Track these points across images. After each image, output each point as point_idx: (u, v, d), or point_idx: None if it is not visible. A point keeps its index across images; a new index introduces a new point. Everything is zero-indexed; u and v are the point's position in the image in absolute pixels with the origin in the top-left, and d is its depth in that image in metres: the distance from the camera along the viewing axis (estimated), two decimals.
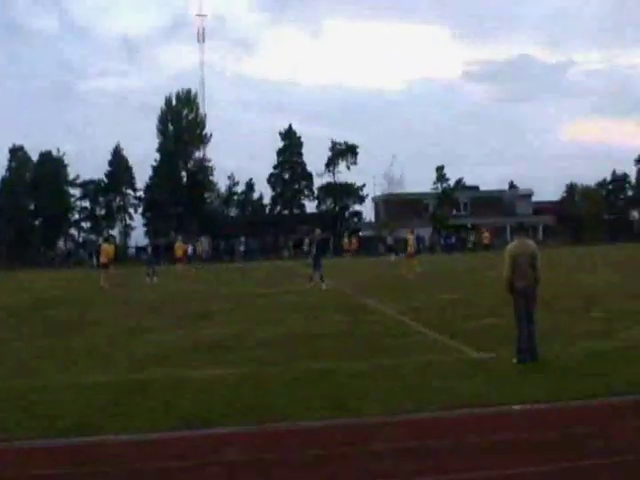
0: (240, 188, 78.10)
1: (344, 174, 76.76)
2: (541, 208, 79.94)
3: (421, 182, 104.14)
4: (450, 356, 10.39)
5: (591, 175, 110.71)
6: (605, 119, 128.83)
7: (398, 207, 71.20)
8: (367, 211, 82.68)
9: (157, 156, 70.12)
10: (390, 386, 8.51)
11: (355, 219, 79.06)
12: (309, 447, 6.48)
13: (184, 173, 70.72)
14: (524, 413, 7.26)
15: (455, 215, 76.62)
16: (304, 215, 75.28)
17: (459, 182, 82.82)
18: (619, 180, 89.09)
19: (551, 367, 9.28)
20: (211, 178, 72.06)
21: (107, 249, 30.21)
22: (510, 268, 9.83)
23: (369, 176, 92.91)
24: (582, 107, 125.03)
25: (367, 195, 78.73)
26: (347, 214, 78.31)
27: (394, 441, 6.49)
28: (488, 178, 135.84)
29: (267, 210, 78.30)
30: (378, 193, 78.63)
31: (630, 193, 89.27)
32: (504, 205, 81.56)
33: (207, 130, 71.17)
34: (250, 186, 78.81)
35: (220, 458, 6.18)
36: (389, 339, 12.20)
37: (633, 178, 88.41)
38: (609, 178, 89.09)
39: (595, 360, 9.57)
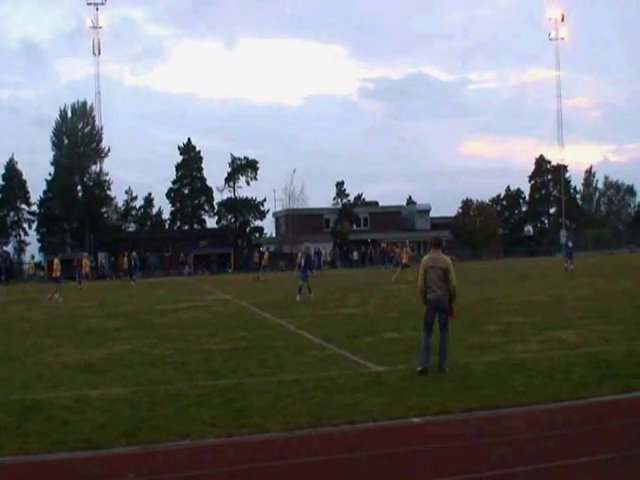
0: (139, 203, 76.71)
1: (244, 189, 76.70)
2: (438, 223, 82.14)
3: (321, 197, 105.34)
4: (351, 370, 10.44)
5: (486, 191, 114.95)
6: (500, 136, 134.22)
7: (299, 222, 71.53)
8: (268, 226, 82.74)
9: (52, 170, 67.78)
10: (292, 402, 8.46)
11: (256, 234, 78.90)
12: (210, 466, 6.34)
13: (80, 187, 68.53)
14: (424, 425, 7.36)
15: (355, 230, 77.72)
16: (204, 230, 74.55)
17: (359, 197, 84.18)
18: (513, 196, 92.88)
19: (448, 378, 9.46)
20: (108, 192, 70.16)
21: None
22: (422, 279, 10.24)
23: (269, 191, 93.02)
24: (477, 124, 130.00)
25: (268, 210, 78.82)
26: (248, 229, 78.05)
27: (297, 457, 6.44)
28: (387, 194, 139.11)
29: (166, 225, 77.07)
30: (279, 208, 78.86)
31: (524, 208, 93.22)
32: (403, 220, 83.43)
33: (104, 144, 69.33)
34: (149, 201, 77.43)
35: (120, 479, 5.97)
36: (290, 354, 12.16)
37: (527, 194, 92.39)
38: (503, 194, 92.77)
39: (489, 372, 9.84)
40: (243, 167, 75.90)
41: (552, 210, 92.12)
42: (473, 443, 6.69)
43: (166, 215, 77.32)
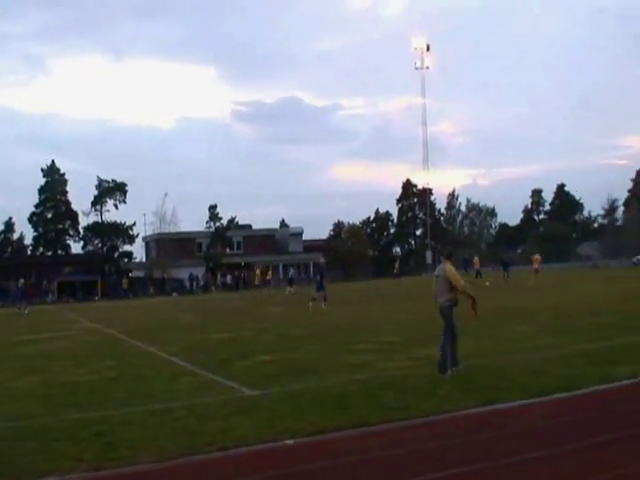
0: None
1: (113, 213, 74.51)
2: (311, 246, 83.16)
3: (194, 221, 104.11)
4: (225, 396, 10.31)
5: (357, 214, 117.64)
6: (369, 160, 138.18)
7: (170, 246, 70.25)
8: (138, 251, 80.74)
9: None
10: (163, 431, 8.24)
11: (125, 259, 76.69)
12: None
13: None
14: (297, 447, 7.37)
15: (229, 254, 77.25)
16: (69, 256, 71.69)
17: (232, 221, 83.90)
18: (382, 218, 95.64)
19: (322, 399, 9.53)
20: None
21: None
22: (433, 286, 11.47)
23: (139, 215, 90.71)
24: (348, 149, 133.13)
25: (137, 234, 76.93)
26: (116, 254, 75.76)
27: None
28: (260, 217, 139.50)
29: (29, 251, 73.56)
30: (149, 232, 77.20)
31: (392, 230, 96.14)
32: (276, 243, 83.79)
33: None
34: (9, 226, 73.70)
35: None
36: (161, 383, 11.85)
37: (395, 216, 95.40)
38: (373, 216, 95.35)
39: (361, 390, 10.00)
40: (111, 190, 73.80)
41: (418, 232, 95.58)
42: (345, 461, 6.76)
43: (28, 240, 73.87)
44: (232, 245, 79.20)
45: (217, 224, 78.30)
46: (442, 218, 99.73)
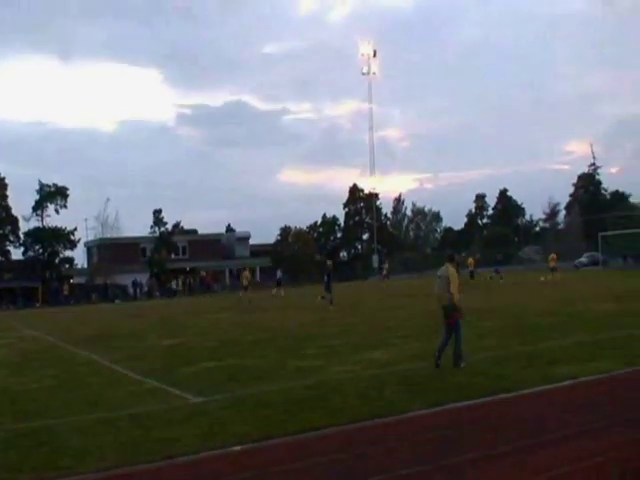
0: None
1: (54, 218, 72.77)
2: (258, 250, 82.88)
3: (138, 226, 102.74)
4: (170, 403, 10.15)
5: (303, 218, 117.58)
6: (316, 165, 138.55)
7: (113, 252, 69.06)
8: (79, 256, 79.14)
9: None
10: (107, 440, 8.06)
11: (66, 265, 74.96)
12: None
13: None
14: (245, 453, 7.29)
15: (174, 259, 76.40)
16: (9, 262, 69.79)
17: (177, 225, 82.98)
18: (329, 223, 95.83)
19: (268, 404, 9.46)
20: None
21: None
22: (436, 287, 11.97)
23: (81, 220, 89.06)
24: (295, 153, 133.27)
25: (79, 240, 75.33)
26: (57, 260, 74.00)
27: None
28: (207, 221, 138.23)
29: None
30: (91, 237, 75.81)
31: (339, 235, 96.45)
32: (223, 248, 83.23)
33: None
34: None
35: None
36: (104, 391, 11.61)
37: (342, 221, 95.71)
38: (320, 221, 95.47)
39: (309, 395, 9.98)
40: (52, 194, 72.07)
41: (365, 236, 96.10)
42: (293, 467, 6.72)
43: None
44: (177, 250, 78.36)
45: (161, 229, 77.31)
46: (388, 222, 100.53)
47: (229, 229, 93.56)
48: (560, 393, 9.20)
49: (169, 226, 79.05)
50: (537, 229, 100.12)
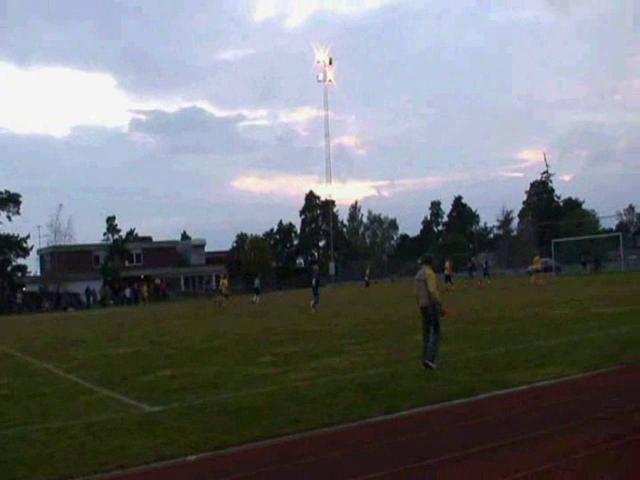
0: None
1: (5, 225, 71.39)
2: (214, 258, 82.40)
3: (91, 233, 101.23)
4: (124, 412, 10.02)
5: (260, 225, 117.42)
6: (273, 171, 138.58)
7: (66, 259, 67.91)
8: (32, 264, 77.70)
9: None
10: (60, 450, 7.91)
11: (19, 273, 73.55)
12: None
13: None
14: (199, 463, 7.23)
15: (128, 267, 75.47)
16: None
17: (131, 233, 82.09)
18: (285, 230, 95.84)
19: (224, 412, 9.41)
20: None
21: None
22: (415, 289, 12.28)
23: (34, 227, 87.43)
24: (251, 160, 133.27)
25: (32, 247, 73.99)
26: (9, 268, 72.55)
27: None
28: (161, 228, 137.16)
29: None
30: (44, 245, 74.47)
31: (296, 242, 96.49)
32: (178, 255, 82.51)
33: None
34: None
35: None
36: (57, 400, 11.41)
37: (298, 228, 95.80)
38: (276, 228, 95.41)
39: (265, 402, 9.95)
40: (4, 201, 70.71)
41: (321, 243, 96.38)
42: (248, 475, 6.68)
43: None
44: (131, 258, 77.44)
45: (115, 236, 76.43)
46: (345, 230, 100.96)
47: (184, 236, 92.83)
48: (514, 398, 9.34)
49: (123, 233, 78.21)
50: (491, 236, 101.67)
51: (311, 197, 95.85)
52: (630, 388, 9.54)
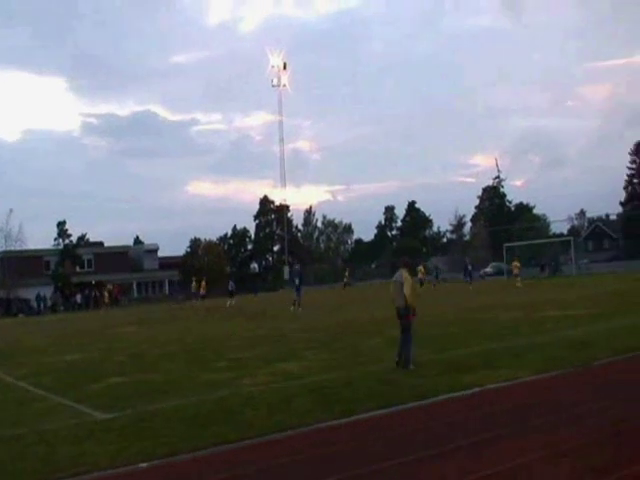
0: None
1: None
2: (167, 263, 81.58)
3: (41, 238, 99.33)
4: (76, 420, 9.87)
5: (214, 230, 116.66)
6: (227, 176, 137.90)
7: (16, 265, 66.48)
8: None
9: None
10: (11, 459, 7.78)
11: None
12: None
13: None
14: (151, 470, 7.18)
15: (79, 272, 74.24)
16: None
17: (82, 238, 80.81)
18: (240, 235, 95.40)
19: (178, 419, 9.35)
20: None
21: None
22: (391, 291, 12.59)
23: None
24: (205, 164, 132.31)
25: None
26: None
27: None
28: (113, 233, 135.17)
29: None
30: None
31: (250, 247, 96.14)
32: (130, 260, 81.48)
33: None
34: None
35: None
36: (8, 408, 11.23)
37: (252, 232, 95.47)
38: (230, 233, 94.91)
39: (220, 408, 9.92)
40: None
41: (276, 248, 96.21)
42: None
43: None
44: (82, 263, 76.21)
45: (66, 241, 75.09)
46: (299, 234, 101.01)
47: (137, 241, 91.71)
48: (468, 400, 9.48)
49: (74, 238, 76.92)
50: (444, 240, 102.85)
51: (265, 202, 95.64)
52: (579, 390, 9.78)
